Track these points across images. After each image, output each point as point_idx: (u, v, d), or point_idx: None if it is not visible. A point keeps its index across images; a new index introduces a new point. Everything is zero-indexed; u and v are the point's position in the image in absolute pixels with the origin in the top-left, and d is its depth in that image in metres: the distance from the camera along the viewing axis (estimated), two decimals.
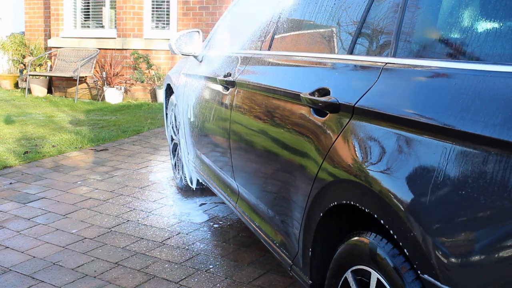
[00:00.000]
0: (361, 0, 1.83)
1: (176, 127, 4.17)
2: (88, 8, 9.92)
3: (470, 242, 1.14)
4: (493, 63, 1.22)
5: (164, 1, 9.11)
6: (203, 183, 3.57)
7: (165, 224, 3.49)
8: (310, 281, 1.93)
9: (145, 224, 3.49)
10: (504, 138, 1.08)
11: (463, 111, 1.21)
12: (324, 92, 1.80)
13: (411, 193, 1.31)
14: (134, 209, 3.79)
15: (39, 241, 3.23)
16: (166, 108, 4.48)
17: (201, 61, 3.47)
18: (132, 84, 9.22)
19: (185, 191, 4.14)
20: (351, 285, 1.63)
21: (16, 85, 10.88)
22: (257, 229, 2.47)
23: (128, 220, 3.56)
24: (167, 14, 9.13)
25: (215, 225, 3.49)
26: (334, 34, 1.99)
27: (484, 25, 1.29)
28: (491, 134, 1.11)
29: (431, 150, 1.28)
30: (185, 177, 3.94)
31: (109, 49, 9.34)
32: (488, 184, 1.11)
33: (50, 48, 10.09)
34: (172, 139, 4.34)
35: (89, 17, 9.98)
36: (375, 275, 1.49)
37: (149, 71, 8.95)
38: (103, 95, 9.28)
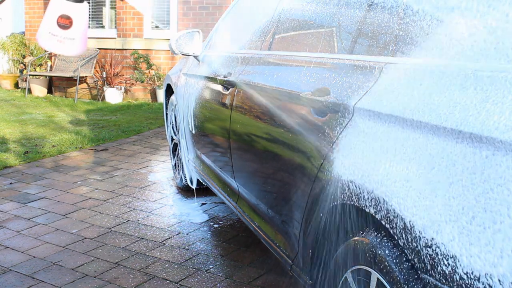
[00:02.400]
0: None
1: (176, 127, 4.17)
2: (88, 8, 9.92)
3: (471, 242, 1.14)
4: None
5: (164, 1, 9.11)
6: (203, 183, 3.57)
7: (165, 224, 3.49)
8: (310, 281, 1.93)
9: (145, 224, 3.49)
10: (507, 139, 1.09)
11: (463, 110, 1.21)
12: (324, 92, 1.80)
13: (412, 192, 1.31)
14: (134, 209, 3.79)
15: (39, 241, 3.23)
16: (166, 108, 4.48)
17: (201, 61, 3.47)
18: (132, 84, 9.22)
19: (185, 191, 4.14)
20: (351, 285, 1.63)
21: (16, 85, 10.88)
22: (257, 229, 2.47)
23: (128, 220, 3.56)
24: (167, 14, 9.13)
25: (215, 225, 3.49)
26: (334, 34, 1.99)
27: (485, 23, 1.29)
28: (491, 134, 1.11)
29: (432, 150, 1.28)
30: (185, 177, 3.94)
31: (109, 49, 9.35)
32: (489, 184, 1.11)
33: None
34: (172, 139, 4.35)
35: (89, 17, 9.98)
36: (375, 275, 1.49)
37: (149, 71, 8.95)
38: (103, 95, 9.28)
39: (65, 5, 1.77)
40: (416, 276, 1.34)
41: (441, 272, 1.21)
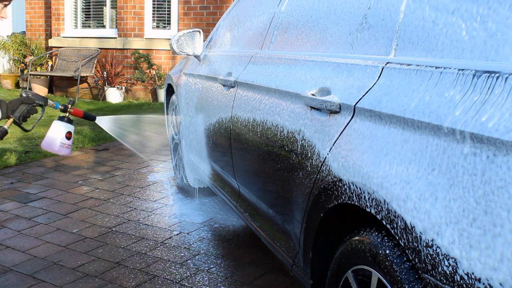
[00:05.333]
0: None
1: (177, 127, 4.17)
2: (89, 8, 9.92)
3: (472, 242, 1.14)
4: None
5: (165, 1, 9.11)
6: (204, 182, 3.57)
7: (166, 224, 3.49)
8: (311, 281, 1.93)
9: (146, 224, 3.49)
10: (508, 140, 1.08)
11: (464, 110, 1.21)
12: (324, 92, 1.80)
13: (413, 192, 1.31)
14: (135, 208, 3.79)
15: (40, 241, 3.23)
16: (167, 108, 4.48)
17: (202, 61, 3.47)
18: (133, 83, 9.22)
19: (186, 190, 4.14)
20: (352, 285, 1.63)
21: (17, 85, 10.88)
22: (258, 228, 2.47)
23: (129, 220, 3.56)
24: (168, 14, 9.13)
25: (215, 225, 3.49)
26: (334, 33, 1.98)
27: (485, 22, 1.29)
28: (492, 135, 1.11)
29: (433, 150, 1.28)
30: (186, 176, 3.94)
31: (110, 48, 9.35)
32: (489, 186, 1.11)
33: (51, 47, 10.10)
34: (173, 139, 4.35)
35: (90, 17, 9.98)
36: (376, 275, 1.49)
37: (150, 71, 8.95)
38: (104, 95, 9.28)
39: (68, 126, 2.60)
40: (416, 276, 1.34)
41: (442, 272, 1.21)
